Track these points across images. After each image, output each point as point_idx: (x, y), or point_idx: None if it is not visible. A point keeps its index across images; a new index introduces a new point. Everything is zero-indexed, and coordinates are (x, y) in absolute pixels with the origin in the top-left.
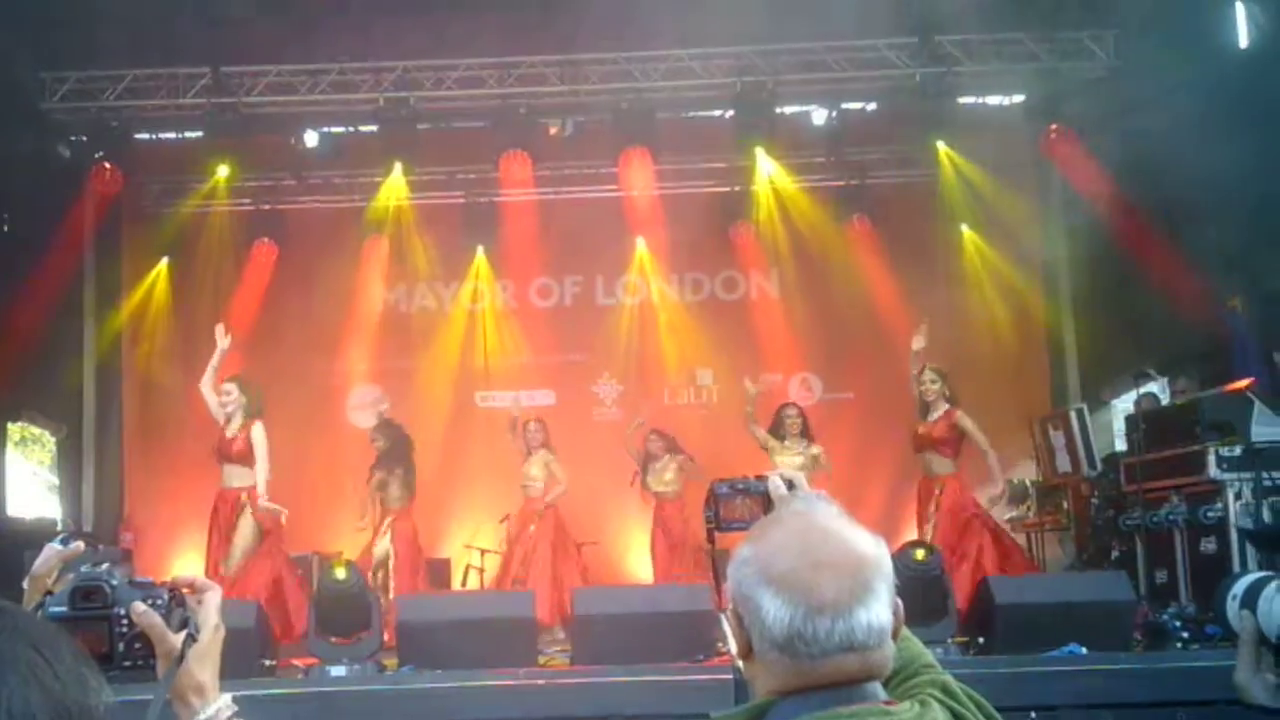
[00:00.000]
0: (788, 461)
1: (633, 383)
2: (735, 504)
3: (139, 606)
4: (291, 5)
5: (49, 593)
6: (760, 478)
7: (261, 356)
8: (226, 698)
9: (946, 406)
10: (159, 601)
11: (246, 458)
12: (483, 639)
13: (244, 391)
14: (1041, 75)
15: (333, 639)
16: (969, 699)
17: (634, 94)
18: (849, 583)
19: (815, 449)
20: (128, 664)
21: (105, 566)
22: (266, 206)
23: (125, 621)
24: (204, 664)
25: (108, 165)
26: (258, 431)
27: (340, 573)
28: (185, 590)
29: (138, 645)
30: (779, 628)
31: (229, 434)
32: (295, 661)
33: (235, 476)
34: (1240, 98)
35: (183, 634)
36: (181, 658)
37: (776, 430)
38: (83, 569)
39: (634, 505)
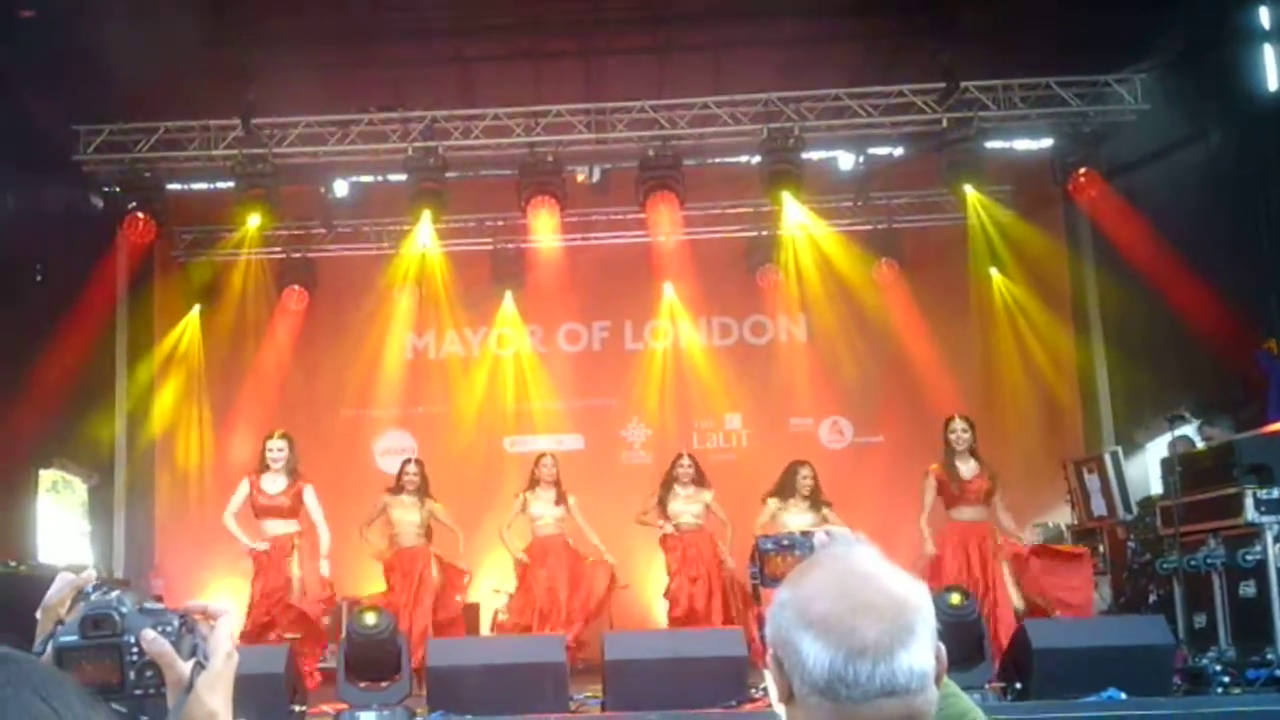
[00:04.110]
0: (798, 519)
1: (661, 427)
2: (780, 560)
3: (148, 634)
4: (321, 58)
5: (61, 622)
6: (806, 534)
7: (291, 402)
8: None
9: (977, 463)
10: (169, 628)
11: (290, 513)
12: (513, 684)
13: (292, 448)
14: (1069, 120)
15: (362, 684)
16: None
17: (660, 141)
18: (889, 625)
19: (824, 510)
20: (139, 693)
21: (115, 594)
22: (297, 255)
23: (136, 649)
24: (214, 692)
25: (140, 215)
26: (311, 495)
27: (370, 618)
28: (199, 616)
29: (149, 673)
30: (819, 671)
31: (272, 491)
32: (325, 707)
33: (274, 527)
34: (1270, 140)
35: (192, 661)
36: (191, 686)
37: (786, 490)
38: (93, 596)
39: (653, 533)
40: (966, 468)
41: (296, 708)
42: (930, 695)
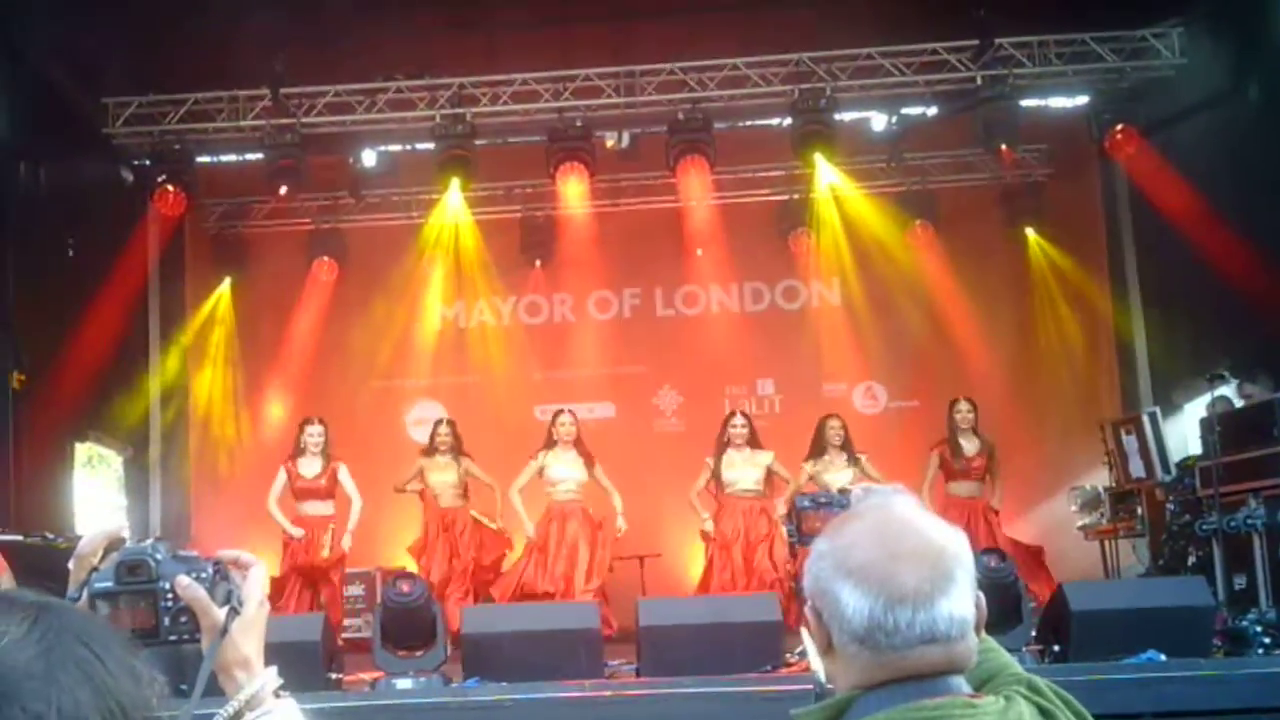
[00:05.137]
0: (837, 478)
1: (693, 394)
2: (818, 518)
3: (183, 580)
4: (347, 25)
5: (95, 569)
6: (844, 492)
7: (322, 373)
8: (272, 671)
9: (979, 441)
10: (203, 575)
11: (327, 494)
12: (548, 650)
13: (327, 431)
14: (1105, 76)
15: (399, 652)
16: (1056, 695)
17: (690, 104)
18: (929, 573)
19: (861, 460)
20: (173, 638)
21: (150, 541)
22: (326, 225)
23: (170, 595)
24: (248, 637)
25: (170, 188)
26: (345, 473)
27: (405, 585)
28: (231, 566)
29: (183, 619)
30: (859, 619)
31: (309, 475)
32: (361, 674)
33: (312, 509)
34: None
35: (226, 608)
36: (225, 631)
37: (819, 448)
38: (128, 545)
39: (697, 516)
40: (970, 445)
41: (333, 675)
42: (970, 643)
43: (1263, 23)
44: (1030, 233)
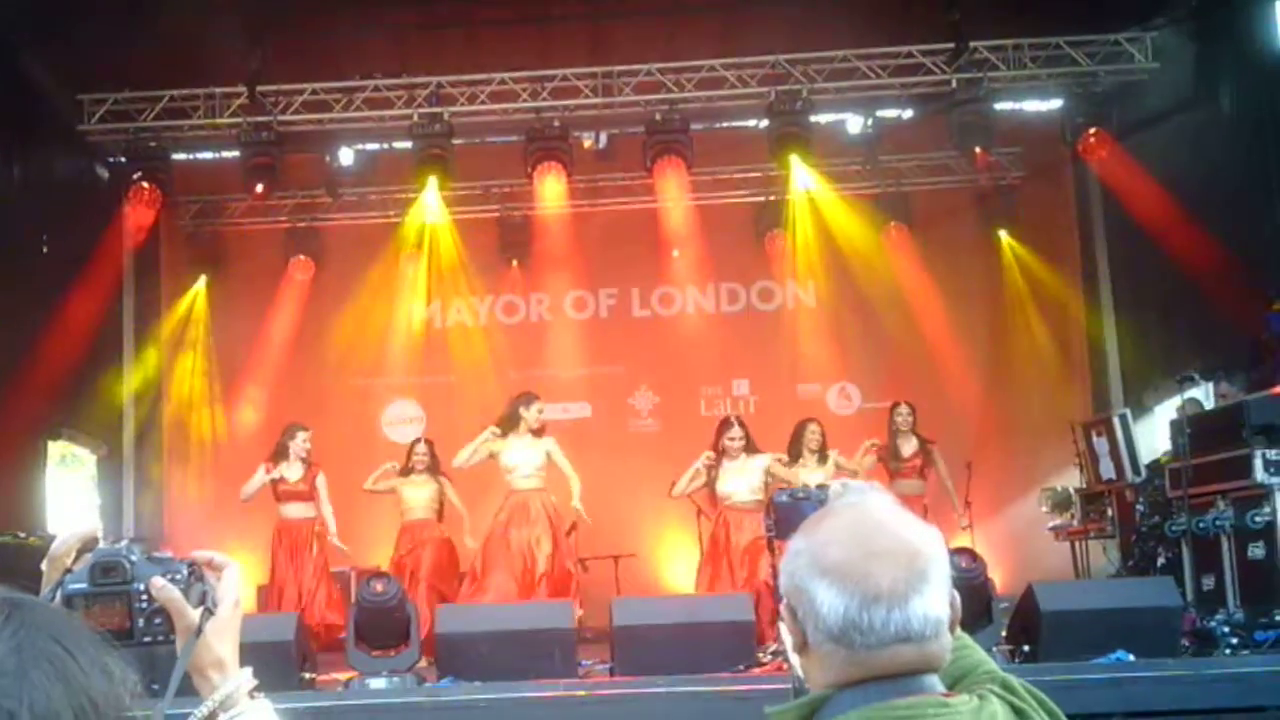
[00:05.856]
0: (811, 477)
1: (669, 394)
2: (796, 514)
3: (158, 581)
4: (324, 23)
5: (68, 571)
6: (822, 487)
7: (298, 372)
8: (247, 672)
9: (916, 442)
10: (178, 576)
11: (309, 496)
12: (523, 650)
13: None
14: (1079, 80)
15: (372, 652)
16: (1030, 694)
17: (667, 105)
18: (904, 572)
19: (831, 455)
20: (147, 639)
21: (124, 543)
22: (303, 224)
23: (144, 597)
24: (223, 639)
25: (145, 185)
26: (322, 482)
27: (379, 585)
28: (205, 567)
29: (157, 620)
30: (834, 618)
31: (292, 478)
32: (335, 674)
33: (296, 511)
34: None
35: (201, 609)
36: (199, 632)
37: (795, 451)
38: (101, 546)
39: (672, 516)
40: (907, 447)
41: (306, 675)
42: (944, 642)
43: (1234, 27)
44: (1004, 235)
